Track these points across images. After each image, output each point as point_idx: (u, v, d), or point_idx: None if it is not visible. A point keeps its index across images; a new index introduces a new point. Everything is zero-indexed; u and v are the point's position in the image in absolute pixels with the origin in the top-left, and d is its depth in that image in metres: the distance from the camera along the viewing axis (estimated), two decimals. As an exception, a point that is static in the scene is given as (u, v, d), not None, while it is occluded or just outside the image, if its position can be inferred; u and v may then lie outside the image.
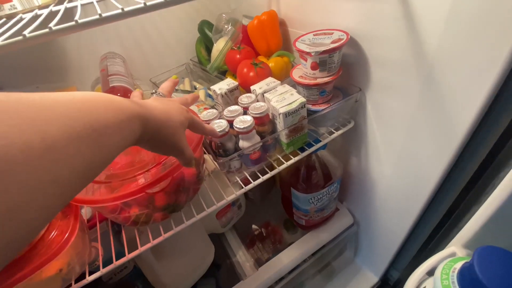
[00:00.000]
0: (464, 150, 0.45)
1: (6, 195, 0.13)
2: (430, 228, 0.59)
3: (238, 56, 0.63)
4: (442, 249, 0.43)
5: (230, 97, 0.59)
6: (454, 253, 0.39)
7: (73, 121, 0.17)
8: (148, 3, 0.27)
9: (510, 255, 0.30)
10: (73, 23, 0.24)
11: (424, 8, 0.39)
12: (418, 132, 0.49)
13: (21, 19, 0.40)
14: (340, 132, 0.57)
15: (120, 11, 0.26)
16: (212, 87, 0.59)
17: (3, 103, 0.14)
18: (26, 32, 0.24)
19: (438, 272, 0.34)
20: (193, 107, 0.62)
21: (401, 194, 0.60)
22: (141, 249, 0.43)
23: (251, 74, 0.58)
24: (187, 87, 0.76)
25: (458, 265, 0.33)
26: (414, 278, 0.39)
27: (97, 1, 0.38)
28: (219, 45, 0.67)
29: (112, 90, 0.54)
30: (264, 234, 0.86)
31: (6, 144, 0.13)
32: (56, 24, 0.25)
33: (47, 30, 0.24)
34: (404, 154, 0.54)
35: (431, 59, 0.41)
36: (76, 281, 0.41)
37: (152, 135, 0.26)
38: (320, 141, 0.56)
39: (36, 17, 0.39)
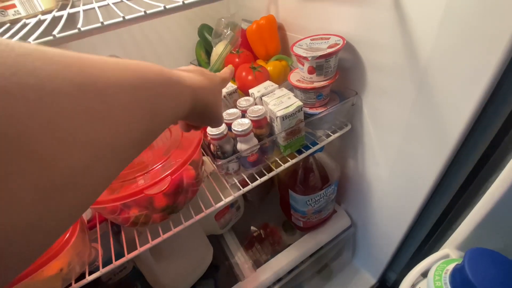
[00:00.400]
0: (458, 153, 0.45)
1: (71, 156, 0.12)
2: (426, 230, 0.60)
3: (237, 59, 0.64)
4: (437, 251, 0.43)
5: (229, 100, 0.60)
6: (448, 255, 0.39)
7: (124, 71, 0.16)
8: (148, 12, 0.28)
9: (500, 256, 0.31)
10: (76, 30, 0.25)
11: (417, 14, 0.40)
12: (413, 135, 0.50)
13: (25, 24, 0.41)
14: (337, 135, 0.58)
15: (121, 19, 0.27)
16: (211, 90, 0.60)
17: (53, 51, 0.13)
18: (30, 40, 0.25)
19: (431, 274, 0.34)
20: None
21: (398, 196, 0.61)
22: (140, 249, 0.44)
23: (250, 77, 0.59)
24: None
25: (451, 266, 0.33)
26: (408, 279, 0.40)
27: (98, 7, 0.39)
28: (219, 49, 0.68)
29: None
30: (263, 236, 0.86)
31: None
32: (60, 31, 0.26)
33: (51, 37, 0.25)
34: (400, 156, 0.55)
35: (425, 63, 0.42)
36: (76, 280, 0.42)
37: (201, 109, 0.26)
38: (317, 143, 0.57)
39: (40, 22, 0.40)
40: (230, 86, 0.60)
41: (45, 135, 0.11)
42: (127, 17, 0.27)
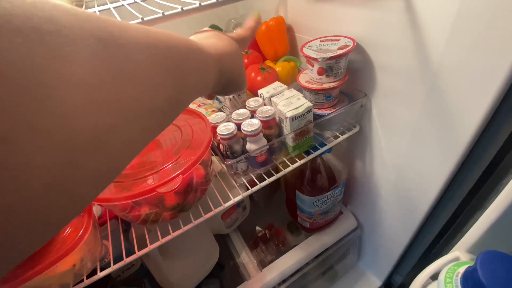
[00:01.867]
0: (468, 156, 0.45)
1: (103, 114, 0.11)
2: (433, 233, 0.60)
3: (246, 60, 0.65)
4: (446, 254, 0.43)
5: (238, 100, 0.61)
6: (458, 258, 0.39)
7: (146, 34, 0.15)
8: (166, 13, 0.28)
9: (513, 260, 0.30)
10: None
11: (429, 16, 0.40)
12: (422, 138, 0.50)
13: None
14: (345, 136, 0.58)
15: (139, 20, 0.27)
16: (220, 91, 0.60)
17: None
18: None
19: (442, 276, 0.34)
20: (202, 110, 0.64)
21: (405, 199, 0.61)
22: (150, 247, 0.45)
23: (259, 78, 0.59)
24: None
25: (462, 269, 0.33)
26: (418, 281, 0.40)
27: (114, 8, 0.40)
28: (228, 50, 0.69)
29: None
30: (268, 236, 0.87)
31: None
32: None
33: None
34: (408, 159, 0.55)
35: (436, 66, 0.42)
36: (87, 277, 0.43)
37: (227, 76, 0.25)
38: (326, 144, 0.57)
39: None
40: (239, 87, 0.60)
41: (67, 88, 0.10)
42: (145, 18, 0.28)
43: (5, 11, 0.09)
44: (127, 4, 0.39)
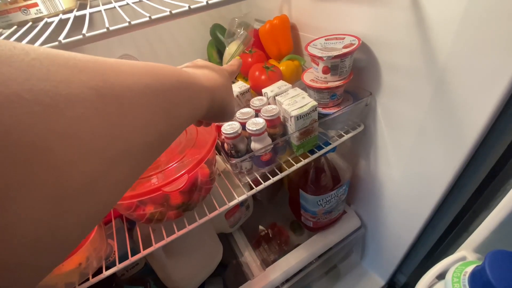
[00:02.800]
0: (475, 155, 0.45)
1: (88, 163, 0.11)
2: (438, 233, 0.59)
3: (249, 59, 0.65)
4: (451, 254, 0.43)
5: (242, 100, 0.61)
6: (465, 257, 0.39)
7: (140, 75, 0.16)
8: (173, 11, 0.28)
9: (522, 259, 0.30)
10: (104, 30, 0.26)
11: (436, 15, 0.39)
12: (428, 137, 0.49)
13: (47, 23, 0.42)
14: (349, 135, 0.58)
15: (147, 19, 0.27)
16: (224, 90, 0.60)
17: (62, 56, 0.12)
18: (61, 38, 0.25)
19: (449, 276, 0.34)
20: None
21: (410, 198, 0.60)
22: (155, 246, 0.45)
23: (263, 77, 0.59)
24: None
25: (469, 269, 0.33)
26: (424, 281, 0.40)
27: (119, 6, 0.40)
28: (231, 49, 0.69)
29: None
30: (271, 235, 0.87)
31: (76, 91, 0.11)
32: (87, 31, 0.27)
33: (80, 37, 0.25)
34: (413, 158, 0.55)
35: (442, 65, 0.41)
36: (93, 276, 0.43)
37: (217, 107, 0.25)
38: (330, 143, 0.57)
39: (61, 21, 0.41)
40: (243, 86, 0.60)
41: (60, 142, 0.11)
42: (153, 17, 0.28)
43: (3, 76, 0.09)
44: (133, 3, 0.38)
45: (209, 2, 0.29)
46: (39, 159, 0.10)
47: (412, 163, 0.56)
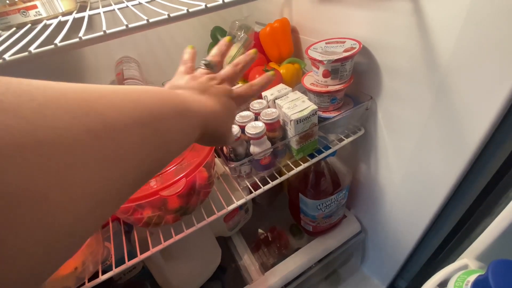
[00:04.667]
0: (477, 161, 0.44)
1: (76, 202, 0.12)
2: (440, 239, 0.59)
3: (250, 62, 0.64)
4: (452, 260, 0.42)
5: (242, 103, 0.60)
6: (466, 265, 0.38)
7: (134, 109, 0.16)
8: (172, 15, 0.28)
9: (525, 269, 0.30)
10: (101, 33, 0.26)
11: (438, 19, 0.39)
12: (429, 142, 0.49)
13: (46, 25, 0.42)
14: (350, 139, 0.58)
15: (145, 22, 0.27)
16: (224, 93, 0.60)
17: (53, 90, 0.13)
18: (57, 41, 0.25)
19: (451, 284, 0.33)
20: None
21: (411, 203, 0.60)
22: (152, 250, 0.44)
23: (263, 80, 0.59)
24: (198, 91, 0.78)
25: (472, 277, 0.32)
26: (425, 289, 0.39)
27: (118, 9, 0.40)
28: (232, 51, 0.68)
29: (128, 94, 0.55)
30: (270, 239, 0.86)
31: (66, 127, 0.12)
32: (84, 33, 0.27)
33: (77, 40, 0.25)
34: (414, 162, 0.54)
35: (444, 69, 0.41)
36: (89, 280, 0.42)
37: (210, 134, 0.25)
38: (330, 148, 0.56)
39: (60, 24, 0.41)
40: (243, 89, 0.60)
41: (55, 189, 0.11)
42: (151, 20, 0.27)
43: (11, 129, 0.10)
44: (132, 6, 0.38)
45: (208, 5, 0.29)
46: (33, 206, 0.10)
47: (413, 168, 0.55)
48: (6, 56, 0.24)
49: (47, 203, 0.11)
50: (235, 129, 0.48)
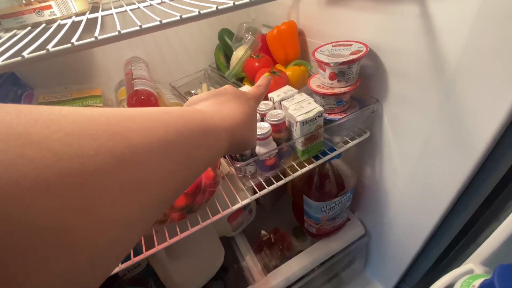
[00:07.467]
0: (483, 166, 0.44)
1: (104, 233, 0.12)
2: (444, 244, 0.58)
3: (256, 64, 0.65)
4: (457, 265, 0.42)
5: (248, 104, 0.61)
6: (472, 270, 0.38)
7: (158, 130, 0.16)
8: (183, 16, 0.29)
9: (532, 274, 0.29)
10: (116, 33, 0.27)
11: (446, 22, 0.39)
12: (435, 146, 0.49)
13: (60, 25, 0.43)
14: (355, 142, 0.58)
15: (158, 23, 0.28)
16: (231, 93, 0.61)
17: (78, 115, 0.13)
18: (73, 40, 0.26)
19: (455, 288, 0.33)
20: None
21: (415, 207, 0.59)
22: (158, 247, 0.45)
23: (269, 82, 0.59)
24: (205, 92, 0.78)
25: (477, 282, 0.32)
26: (429, 293, 0.39)
27: (131, 10, 0.41)
28: (239, 53, 0.69)
29: (136, 93, 0.56)
30: (273, 240, 0.86)
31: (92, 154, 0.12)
32: (99, 33, 0.27)
33: (93, 39, 0.26)
34: (420, 166, 0.54)
35: (451, 73, 0.41)
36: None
37: (238, 143, 0.25)
38: (335, 150, 0.57)
39: (74, 24, 0.42)
40: (249, 90, 0.60)
41: (78, 221, 0.11)
42: (164, 21, 0.28)
43: (37, 163, 0.10)
44: (143, 7, 0.39)
45: (219, 7, 0.29)
46: (57, 240, 0.10)
47: (418, 172, 0.55)
48: (25, 54, 0.25)
49: (70, 236, 0.10)
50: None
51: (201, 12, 0.28)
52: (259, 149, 0.50)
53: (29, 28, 0.44)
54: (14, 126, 0.10)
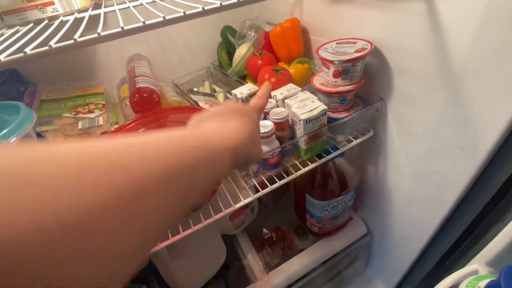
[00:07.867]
0: (488, 166, 0.43)
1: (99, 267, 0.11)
2: (448, 244, 0.58)
3: (259, 61, 0.65)
4: (460, 266, 0.42)
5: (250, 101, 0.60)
6: (477, 271, 0.38)
7: (166, 166, 0.15)
8: (187, 12, 0.28)
9: (539, 276, 0.29)
10: (119, 29, 0.26)
11: (453, 20, 0.39)
12: (440, 145, 0.48)
13: (62, 21, 0.43)
14: (359, 140, 0.57)
15: (161, 19, 0.27)
16: (233, 91, 0.60)
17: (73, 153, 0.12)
18: (76, 36, 0.26)
19: (460, 289, 0.33)
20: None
21: (419, 207, 0.59)
22: (160, 245, 0.45)
23: (273, 80, 0.59)
24: (207, 90, 0.78)
25: (483, 283, 0.32)
26: (433, 293, 0.39)
27: (133, 6, 0.40)
28: (241, 51, 0.69)
29: (139, 91, 0.56)
30: (274, 239, 0.86)
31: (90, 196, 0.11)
32: (101, 30, 0.27)
33: (96, 35, 0.26)
34: (424, 166, 0.54)
35: (457, 72, 0.40)
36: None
37: (242, 160, 0.25)
38: (338, 148, 0.56)
39: (76, 20, 0.41)
40: (252, 88, 0.60)
41: (76, 264, 0.10)
42: (167, 17, 0.28)
43: (33, 207, 0.10)
44: (146, 3, 0.39)
45: (223, 3, 0.29)
46: (53, 285, 0.10)
47: (422, 171, 0.54)
48: (27, 50, 0.25)
49: (68, 280, 0.10)
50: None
51: (205, 8, 0.28)
52: (262, 147, 0.49)
53: (32, 24, 0.44)
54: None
